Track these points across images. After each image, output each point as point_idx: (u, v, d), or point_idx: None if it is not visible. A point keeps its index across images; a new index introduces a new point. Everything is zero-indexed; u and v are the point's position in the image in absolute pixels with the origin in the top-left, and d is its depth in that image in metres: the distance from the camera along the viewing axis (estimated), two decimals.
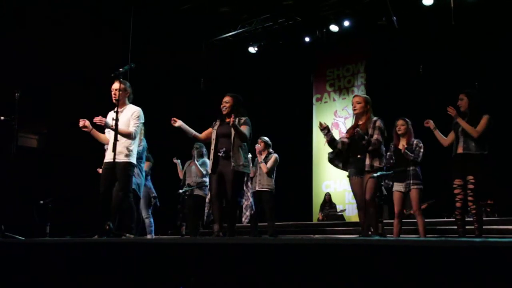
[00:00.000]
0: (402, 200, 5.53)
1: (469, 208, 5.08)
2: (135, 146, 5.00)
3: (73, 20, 8.85)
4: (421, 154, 5.47)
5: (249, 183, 6.77)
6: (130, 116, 4.92)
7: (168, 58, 10.19)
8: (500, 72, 8.65)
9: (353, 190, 5.13)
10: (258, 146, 6.88)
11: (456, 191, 5.07)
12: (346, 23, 10.34)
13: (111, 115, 4.95)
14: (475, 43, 8.85)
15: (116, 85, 4.92)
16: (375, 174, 4.84)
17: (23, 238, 4.51)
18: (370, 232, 5.12)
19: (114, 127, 4.70)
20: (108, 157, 4.86)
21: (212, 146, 5.11)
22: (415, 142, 5.53)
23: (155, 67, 9.45)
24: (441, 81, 8.96)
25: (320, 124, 5.11)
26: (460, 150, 5.08)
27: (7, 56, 8.07)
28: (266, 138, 7.01)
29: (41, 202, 6.90)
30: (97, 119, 4.85)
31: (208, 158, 5.57)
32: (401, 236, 5.61)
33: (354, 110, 5.14)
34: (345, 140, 5.13)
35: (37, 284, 3.36)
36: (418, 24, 9.62)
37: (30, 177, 8.09)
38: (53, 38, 8.57)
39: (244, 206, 6.58)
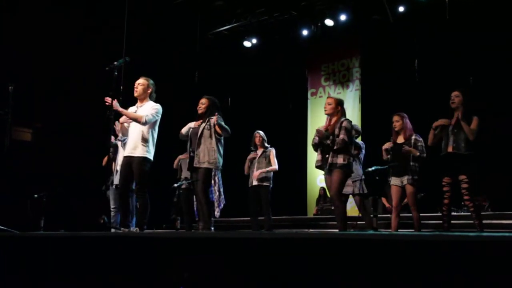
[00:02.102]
0: (399, 194, 5.55)
1: (464, 205, 5.13)
2: (152, 142, 5.10)
3: (68, 13, 8.80)
4: (424, 149, 5.49)
5: (216, 178, 6.69)
6: (148, 110, 5.02)
7: (162, 52, 10.15)
8: (495, 68, 8.67)
9: (326, 187, 5.37)
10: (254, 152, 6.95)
11: (445, 189, 5.15)
12: (341, 18, 10.32)
13: (132, 109, 5.16)
14: (470, 38, 8.86)
15: (139, 80, 5.03)
16: (370, 169, 4.90)
17: (17, 232, 4.50)
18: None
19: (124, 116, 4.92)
20: (125, 152, 5.00)
21: (188, 146, 5.55)
22: (413, 137, 5.52)
23: (149, 60, 9.41)
24: (436, 75, 8.98)
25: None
26: (450, 149, 5.15)
27: (0, 49, 8.01)
28: (262, 133, 7.02)
29: (36, 196, 6.88)
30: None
31: None
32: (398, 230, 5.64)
33: (325, 111, 5.33)
34: (316, 139, 5.32)
35: (31, 278, 3.35)
36: (412, 18, 9.63)
37: (24, 171, 8.06)
38: (48, 31, 8.52)
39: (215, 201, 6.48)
